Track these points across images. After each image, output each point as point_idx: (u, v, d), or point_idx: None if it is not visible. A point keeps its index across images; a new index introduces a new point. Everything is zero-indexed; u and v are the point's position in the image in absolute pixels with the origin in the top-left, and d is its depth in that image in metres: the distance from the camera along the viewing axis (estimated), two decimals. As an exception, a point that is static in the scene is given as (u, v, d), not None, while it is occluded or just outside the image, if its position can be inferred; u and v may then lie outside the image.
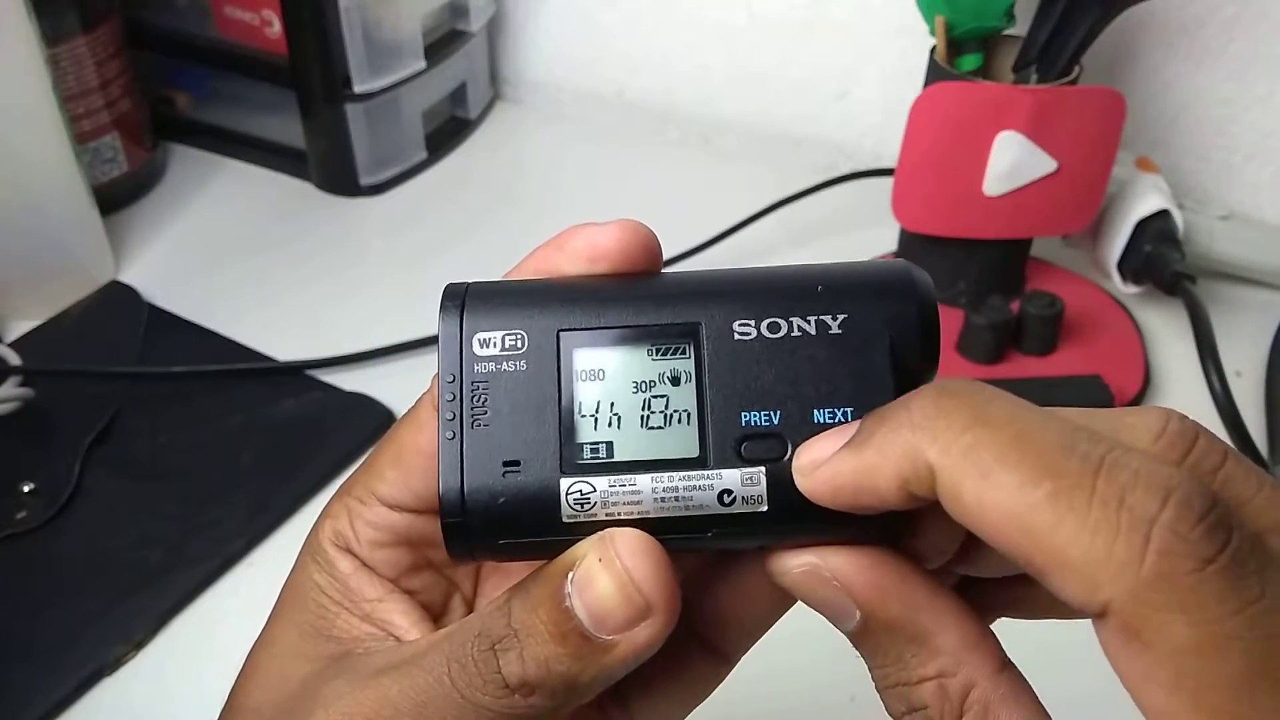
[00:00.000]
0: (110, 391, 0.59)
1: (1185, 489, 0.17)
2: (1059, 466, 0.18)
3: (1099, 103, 0.58)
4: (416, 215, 0.75)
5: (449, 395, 0.23)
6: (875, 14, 0.75)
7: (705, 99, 0.83)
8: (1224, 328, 0.59)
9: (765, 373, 0.23)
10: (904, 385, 0.23)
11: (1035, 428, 0.18)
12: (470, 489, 0.23)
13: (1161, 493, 0.17)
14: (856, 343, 0.23)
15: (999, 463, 0.18)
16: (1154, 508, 0.17)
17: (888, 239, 0.67)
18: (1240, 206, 0.72)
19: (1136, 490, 0.17)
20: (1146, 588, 0.17)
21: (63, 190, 0.63)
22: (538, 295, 0.24)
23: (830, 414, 0.23)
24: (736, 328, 0.23)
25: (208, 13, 0.73)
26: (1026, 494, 0.18)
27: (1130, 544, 0.17)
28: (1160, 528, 0.17)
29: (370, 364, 0.62)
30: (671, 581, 0.22)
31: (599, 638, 0.22)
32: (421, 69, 0.75)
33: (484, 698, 0.22)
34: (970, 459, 0.18)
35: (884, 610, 0.21)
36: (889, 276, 0.24)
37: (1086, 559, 0.17)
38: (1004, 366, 0.60)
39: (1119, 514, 0.17)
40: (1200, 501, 0.17)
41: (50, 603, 0.49)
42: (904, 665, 0.21)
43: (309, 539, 0.27)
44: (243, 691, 0.27)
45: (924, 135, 0.59)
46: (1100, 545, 0.17)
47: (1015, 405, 0.19)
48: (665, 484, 0.22)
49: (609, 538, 0.22)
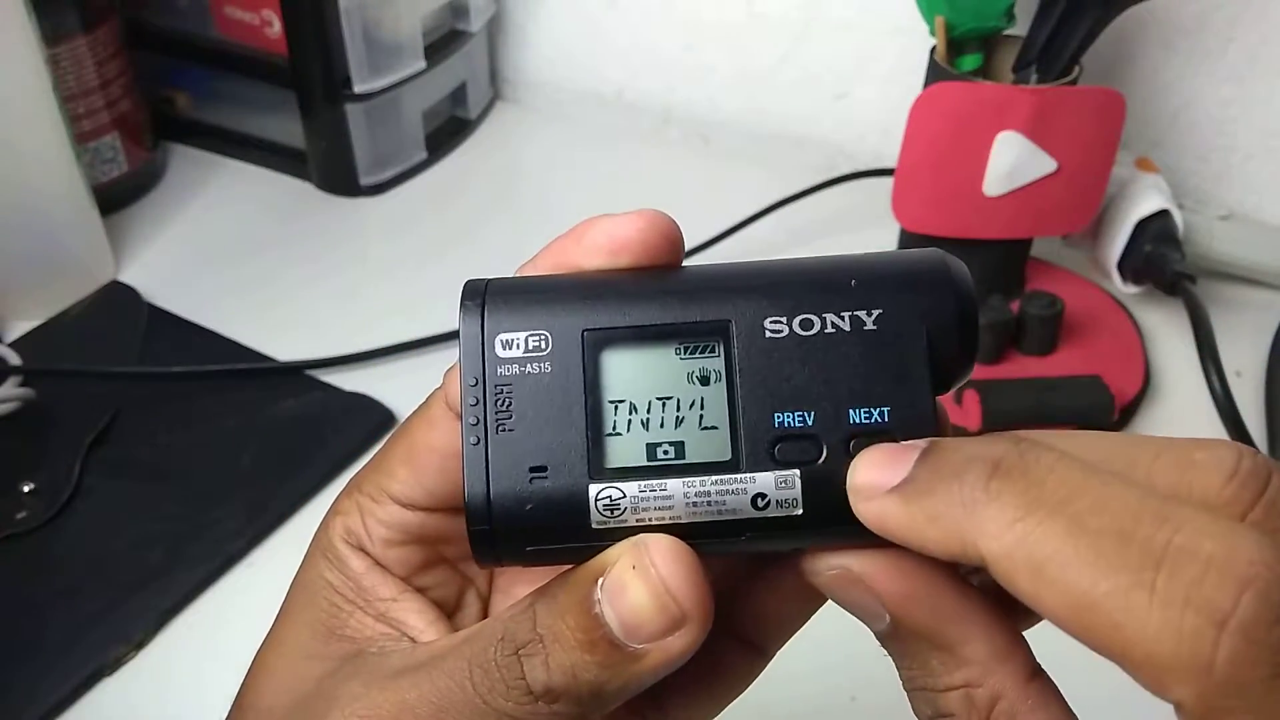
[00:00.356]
0: (110, 391, 0.59)
1: (1264, 581, 0.16)
2: (1119, 560, 0.17)
3: (1099, 103, 0.58)
4: (416, 215, 0.75)
5: (472, 399, 0.23)
6: (875, 14, 0.75)
7: (705, 99, 0.83)
8: (1224, 328, 0.59)
9: (798, 371, 0.22)
10: (942, 382, 0.22)
11: (1093, 510, 0.17)
12: (496, 496, 0.22)
13: (1235, 588, 0.16)
14: (892, 339, 0.22)
15: (1053, 557, 0.17)
16: (1226, 606, 0.16)
17: (888, 239, 0.67)
18: (1240, 206, 0.72)
19: (1205, 585, 0.16)
20: (1217, 693, 0.16)
21: (63, 190, 0.63)
22: (560, 293, 0.23)
23: (866, 414, 0.22)
24: (768, 325, 0.22)
25: (208, 13, 0.73)
26: (1083, 593, 0.17)
27: (1197, 650, 0.16)
28: (1231, 633, 0.15)
29: (370, 364, 0.62)
30: (706, 589, 0.21)
31: (629, 646, 0.21)
32: (421, 69, 0.75)
33: (506, 704, 0.22)
34: (1022, 553, 0.18)
35: (912, 618, 0.21)
36: (925, 268, 0.23)
37: (1151, 660, 0.16)
38: (1004, 366, 0.60)
39: (1183, 615, 0.16)
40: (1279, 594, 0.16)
41: (50, 603, 0.49)
42: (931, 672, 0.21)
43: (318, 536, 0.27)
44: (252, 692, 0.26)
45: (924, 135, 0.59)
46: (1166, 649, 0.16)
47: (1075, 476, 0.18)
48: (697, 488, 0.22)
49: (643, 544, 0.21)
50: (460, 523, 0.26)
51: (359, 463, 0.56)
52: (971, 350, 0.23)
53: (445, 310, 0.75)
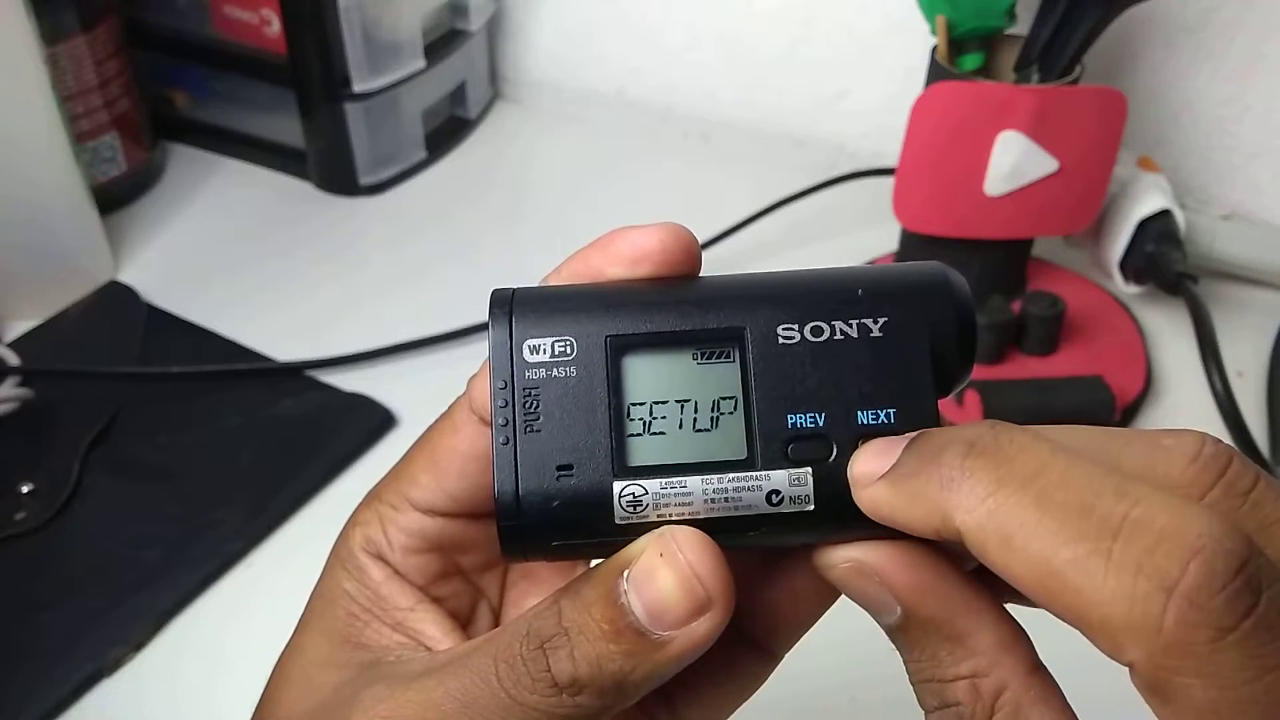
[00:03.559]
0: (110, 391, 0.58)
1: (1210, 551, 0.17)
2: (1079, 530, 0.18)
3: (1100, 102, 0.57)
4: (416, 215, 0.75)
5: (501, 401, 0.24)
6: (876, 13, 0.75)
7: (705, 98, 0.83)
8: (1226, 328, 0.59)
9: (809, 375, 0.24)
10: (943, 385, 0.24)
11: (1058, 485, 0.19)
12: (525, 492, 0.23)
13: (1184, 557, 0.17)
14: (897, 345, 0.24)
15: (1020, 528, 0.18)
16: (1174, 573, 0.17)
17: (888, 239, 0.67)
18: (1242, 206, 0.72)
19: (1157, 554, 0.17)
20: (1164, 654, 0.17)
21: (61, 190, 0.63)
22: (584, 301, 0.24)
23: (874, 415, 0.23)
24: (780, 331, 0.24)
25: (207, 12, 0.73)
26: (1046, 560, 0.18)
27: (1147, 613, 0.17)
28: (1178, 597, 0.17)
29: (370, 364, 0.62)
30: (729, 575, 0.23)
31: (654, 634, 0.22)
32: (421, 68, 0.75)
33: (531, 696, 0.22)
34: (992, 524, 0.19)
35: (923, 608, 0.22)
36: (927, 280, 0.24)
37: (1106, 623, 0.17)
38: (1005, 367, 0.60)
39: (1136, 581, 0.17)
40: (1226, 564, 0.17)
41: (49, 604, 0.49)
42: (939, 662, 0.21)
43: (337, 547, 0.28)
44: (273, 701, 0.27)
45: (925, 135, 0.59)
46: (1119, 612, 0.17)
47: (1043, 454, 0.19)
48: (715, 485, 0.23)
49: (670, 534, 0.23)
50: (478, 528, 0.27)
51: (359, 463, 0.57)
52: (970, 356, 0.24)
53: (445, 310, 0.76)
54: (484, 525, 0.28)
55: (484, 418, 0.26)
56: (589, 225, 0.29)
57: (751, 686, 0.27)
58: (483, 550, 0.28)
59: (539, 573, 0.30)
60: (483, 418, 0.26)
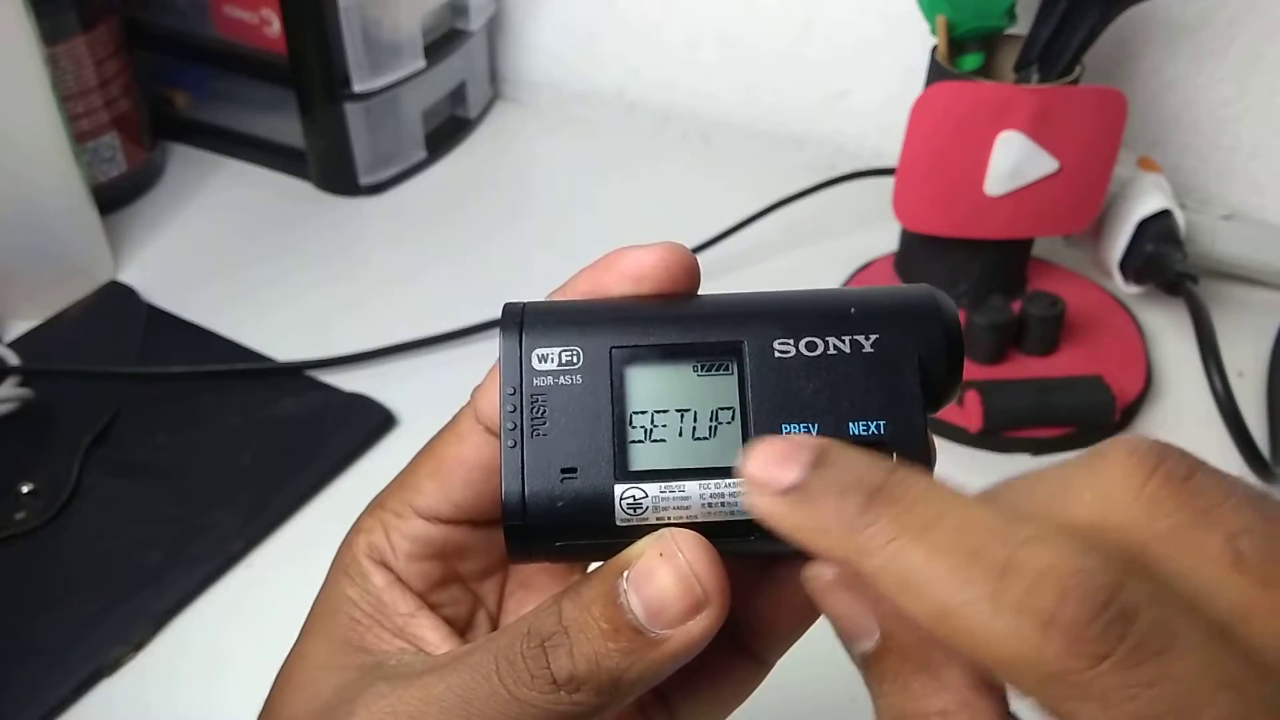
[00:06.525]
0: (110, 391, 0.59)
1: (1083, 586, 0.18)
2: (968, 576, 0.19)
3: (1100, 102, 0.57)
4: (416, 215, 0.75)
5: (510, 407, 0.25)
6: (876, 13, 0.75)
7: (705, 99, 0.83)
8: (1226, 328, 0.59)
9: (803, 388, 0.25)
10: (931, 399, 0.25)
11: (952, 531, 0.19)
12: (531, 494, 0.24)
13: (1058, 592, 0.18)
14: (887, 361, 0.25)
15: (916, 574, 0.19)
16: (1050, 608, 0.18)
17: (888, 239, 0.67)
18: (1242, 206, 0.72)
19: (1037, 593, 0.18)
20: (1051, 684, 0.18)
21: (61, 190, 0.63)
22: (590, 314, 0.25)
23: (864, 426, 0.24)
24: (777, 346, 0.25)
25: (207, 12, 0.73)
26: (942, 604, 0.19)
27: (1032, 646, 0.18)
28: (1055, 630, 0.18)
29: (370, 364, 0.62)
30: (725, 576, 0.23)
31: (652, 632, 0.23)
32: (421, 68, 0.75)
33: (530, 693, 0.23)
34: (893, 569, 0.20)
35: (904, 632, 0.22)
36: (916, 300, 0.26)
37: (1000, 661, 0.18)
38: (1005, 367, 0.60)
39: (1019, 620, 0.18)
40: (1098, 596, 0.18)
41: (49, 604, 0.49)
42: (909, 695, 0.21)
43: (340, 554, 0.28)
44: (277, 704, 0.27)
45: (925, 135, 0.59)
46: (1009, 649, 0.18)
47: (939, 502, 0.20)
48: (712, 490, 0.24)
49: (669, 534, 0.23)
50: (480, 536, 0.28)
51: (359, 463, 0.57)
52: (957, 371, 0.25)
53: (445, 310, 0.76)
54: (485, 532, 0.28)
55: (489, 427, 0.27)
56: (589, 225, 0.29)
57: (744, 692, 0.28)
58: (483, 557, 0.29)
59: (536, 580, 0.30)
60: (488, 427, 0.27)
